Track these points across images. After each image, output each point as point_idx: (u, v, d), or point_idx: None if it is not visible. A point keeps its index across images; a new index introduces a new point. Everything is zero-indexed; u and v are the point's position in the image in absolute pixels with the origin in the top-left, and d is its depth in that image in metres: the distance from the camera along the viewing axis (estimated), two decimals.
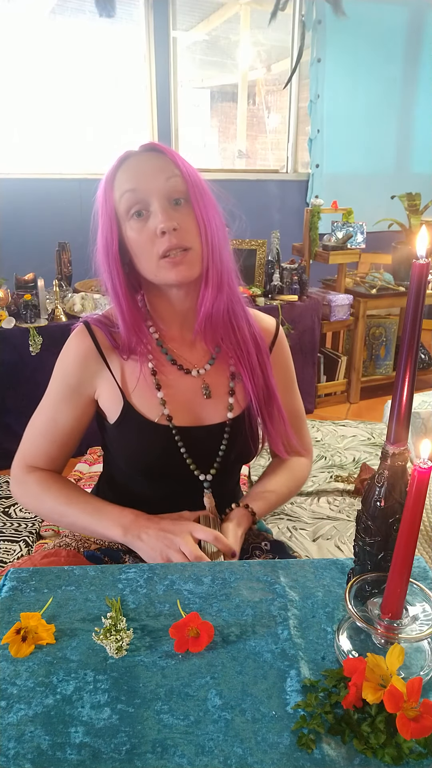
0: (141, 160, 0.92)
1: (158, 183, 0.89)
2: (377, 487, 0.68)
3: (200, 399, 1.00)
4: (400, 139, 4.32)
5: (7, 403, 2.48)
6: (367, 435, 2.85)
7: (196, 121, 4.38)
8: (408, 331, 0.62)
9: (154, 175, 0.90)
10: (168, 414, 0.97)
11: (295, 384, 1.14)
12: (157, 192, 0.89)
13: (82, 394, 0.99)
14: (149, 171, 0.90)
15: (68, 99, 3.59)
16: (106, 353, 0.98)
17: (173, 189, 0.90)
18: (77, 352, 0.98)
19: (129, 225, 0.92)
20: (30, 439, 1.03)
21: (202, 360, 1.02)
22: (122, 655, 0.67)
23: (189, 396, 1.00)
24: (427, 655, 0.67)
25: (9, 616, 0.73)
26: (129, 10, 3.57)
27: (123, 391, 0.98)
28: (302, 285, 3.09)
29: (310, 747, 0.57)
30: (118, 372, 0.98)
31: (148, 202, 0.90)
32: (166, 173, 0.90)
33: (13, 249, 3.29)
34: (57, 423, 1.00)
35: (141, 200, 0.90)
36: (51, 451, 1.02)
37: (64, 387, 0.99)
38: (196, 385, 1.00)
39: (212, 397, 1.01)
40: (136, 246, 0.92)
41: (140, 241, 0.91)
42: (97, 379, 0.99)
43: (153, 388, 0.98)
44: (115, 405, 0.98)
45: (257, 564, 0.84)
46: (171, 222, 0.88)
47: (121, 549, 1.04)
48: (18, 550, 1.92)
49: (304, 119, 4.19)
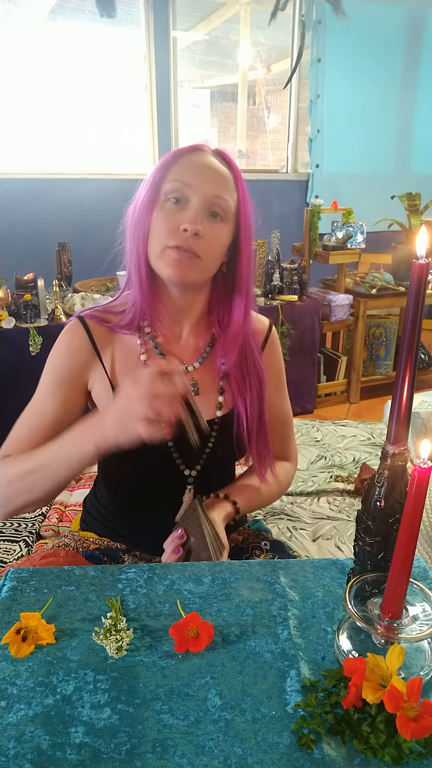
0: (208, 161, 0.93)
1: (209, 192, 0.91)
2: (377, 487, 0.68)
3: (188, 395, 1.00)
4: (400, 139, 4.32)
5: (7, 403, 2.48)
6: (367, 435, 2.85)
7: (196, 121, 4.38)
8: (408, 331, 0.62)
9: (211, 183, 0.91)
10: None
11: (284, 386, 1.13)
12: (203, 197, 0.90)
13: (71, 385, 0.98)
14: (209, 176, 0.91)
15: (68, 99, 3.59)
16: (100, 346, 0.98)
17: (219, 206, 0.92)
18: (69, 344, 0.98)
19: (162, 205, 0.92)
20: (14, 432, 0.99)
21: (191, 356, 1.02)
22: (122, 655, 0.67)
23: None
24: (427, 655, 0.67)
25: (9, 616, 0.73)
26: (129, 11, 3.57)
27: (113, 384, 0.98)
28: (302, 285, 3.09)
29: (310, 747, 0.57)
30: (110, 365, 0.98)
31: (190, 198, 0.91)
32: (222, 190, 0.92)
33: (13, 249, 3.29)
34: (43, 414, 0.98)
35: (186, 193, 0.91)
36: (34, 441, 0.97)
37: (53, 378, 0.98)
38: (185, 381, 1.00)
39: (200, 394, 1.00)
40: (156, 225, 0.92)
41: (162, 223, 0.91)
42: (89, 371, 0.98)
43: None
44: (107, 397, 0.98)
45: (257, 564, 0.84)
46: (197, 225, 0.89)
47: (121, 549, 1.04)
48: (18, 550, 1.92)
49: (304, 119, 4.19)
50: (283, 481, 1.12)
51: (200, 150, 0.94)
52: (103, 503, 1.08)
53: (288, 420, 1.15)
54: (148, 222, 0.92)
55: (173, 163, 0.92)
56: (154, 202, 0.92)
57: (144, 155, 3.81)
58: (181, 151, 0.93)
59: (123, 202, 1.01)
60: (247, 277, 0.98)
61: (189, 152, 0.93)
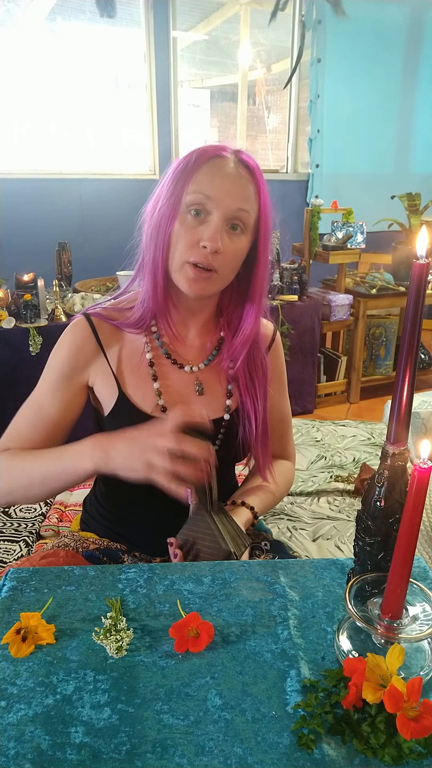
0: (230, 172, 0.90)
1: (230, 205, 0.89)
2: (377, 487, 0.68)
3: (193, 395, 1.01)
4: (400, 139, 4.32)
5: (7, 403, 2.48)
6: (367, 435, 2.85)
7: (196, 121, 4.38)
8: (408, 331, 0.62)
9: (232, 197, 0.89)
10: (162, 405, 0.97)
11: (286, 387, 1.14)
12: (224, 211, 0.89)
13: (74, 382, 0.98)
14: (231, 190, 0.89)
15: (68, 99, 3.59)
16: (105, 343, 0.98)
17: (240, 218, 0.90)
18: (73, 341, 0.98)
19: (183, 216, 0.90)
20: (13, 427, 0.99)
21: (196, 357, 1.03)
22: (122, 655, 0.67)
23: (182, 390, 1.00)
24: (427, 655, 0.67)
25: (9, 616, 0.73)
26: (129, 11, 3.57)
27: (119, 380, 0.98)
28: (302, 285, 3.09)
29: (310, 747, 0.57)
30: (115, 361, 0.98)
31: (211, 211, 0.89)
32: (244, 203, 0.90)
33: (13, 249, 3.29)
34: (44, 409, 0.98)
35: (207, 207, 0.89)
36: (34, 437, 0.97)
37: (56, 374, 0.98)
38: (189, 381, 1.01)
39: (204, 394, 1.01)
40: (176, 237, 0.91)
41: (182, 236, 0.90)
42: (92, 368, 0.98)
43: (149, 379, 0.98)
44: (110, 395, 0.98)
45: (257, 564, 0.84)
46: (217, 243, 0.88)
47: (120, 549, 1.04)
48: (18, 550, 1.92)
49: (304, 119, 4.19)
50: (288, 479, 1.15)
51: (222, 156, 0.90)
52: (103, 503, 1.08)
53: (289, 420, 1.16)
54: (169, 231, 0.91)
55: (195, 170, 0.89)
56: (176, 212, 0.90)
57: (144, 155, 3.81)
58: (203, 157, 0.90)
59: (123, 202, 1.01)
60: (262, 286, 0.98)
61: (211, 158, 0.90)
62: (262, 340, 1.05)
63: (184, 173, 0.90)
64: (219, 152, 0.90)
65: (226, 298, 1.03)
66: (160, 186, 0.93)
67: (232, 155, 0.91)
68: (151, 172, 3.81)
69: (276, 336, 1.11)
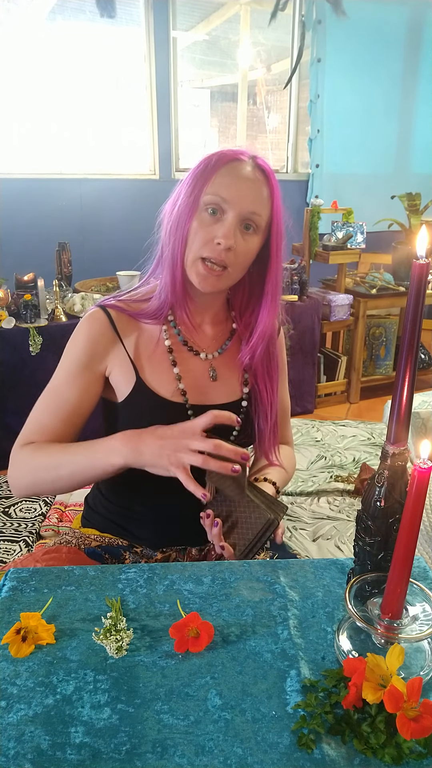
0: (247, 176, 0.95)
1: (245, 208, 0.94)
2: (377, 487, 0.68)
3: (207, 380, 1.04)
4: (400, 139, 4.32)
5: (7, 403, 2.48)
6: (367, 435, 2.85)
7: (196, 121, 4.37)
8: (408, 331, 0.62)
9: (247, 200, 0.94)
10: (183, 389, 1.01)
11: (286, 377, 1.19)
12: (239, 211, 0.93)
13: (93, 371, 1.00)
14: (246, 193, 0.94)
15: (68, 99, 3.59)
16: (122, 331, 1.01)
17: (252, 220, 0.95)
18: (90, 330, 1.00)
19: (200, 214, 0.95)
20: (34, 418, 1.01)
21: (210, 345, 1.07)
22: (122, 655, 0.67)
23: (198, 375, 1.04)
24: (427, 655, 0.67)
25: (9, 616, 0.73)
26: (129, 11, 3.57)
27: (136, 367, 1.00)
28: (302, 285, 3.09)
29: (310, 747, 0.57)
30: (132, 349, 1.01)
31: (226, 211, 0.94)
32: (257, 207, 0.95)
33: (13, 249, 3.29)
34: (64, 399, 1.00)
35: (223, 207, 0.94)
36: (56, 427, 1.00)
37: (75, 364, 1.00)
38: (204, 367, 1.05)
39: (218, 380, 1.05)
40: (192, 233, 0.95)
41: (197, 233, 0.95)
42: (110, 357, 1.01)
43: (169, 364, 1.02)
44: (126, 382, 1.00)
45: (257, 564, 0.84)
46: (230, 241, 0.93)
47: (122, 546, 1.04)
48: (18, 550, 1.92)
49: (304, 119, 4.19)
50: (293, 463, 1.21)
51: (240, 161, 0.96)
52: (107, 495, 1.09)
53: (287, 408, 1.22)
54: (187, 228, 0.95)
55: (213, 172, 0.94)
56: (194, 210, 0.95)
57: (144, 155, 3.81)
58: (222, 160, 0.95)
59: (123, 202, 1.03)
60: (275, 285, 1.02)
61: (230, 161, 0.95)
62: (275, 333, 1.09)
63: (203, 174, 0.95)
64: (237, 156, 0.96)
65: (239, 296, 1.07)
66: (180, 186, 0.98)
67: (250, 159, 0.97)
68: (151, 172, 3.81)
69: (280, 329, 1.14)
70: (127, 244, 3.45)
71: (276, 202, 0.98)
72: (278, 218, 0.99)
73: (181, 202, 0.96)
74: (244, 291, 1.07)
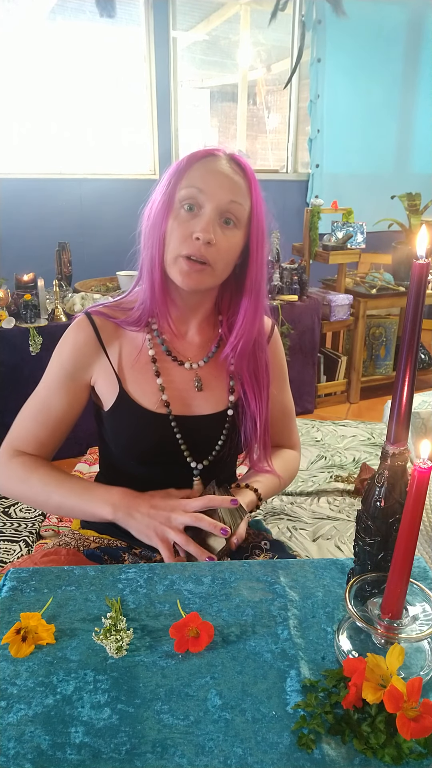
0: (222, 168, 0.92)
1: (223, 198, 0.91)
2: (377, 487, 0.68)
3: (192, 391, 1.02)
4: (400, 139, 4.32)
5: (7, 403, 2.48)
6: (367, 435, 2.85)
7: (196, 121, 4.37)
8: (408, 331, 0.62)
9: (224, 189, 0.91)
10: (166, 400, 0.99)
11: (287, 380, 1.16)
12: (217, 203, 0.91)
13: (77, 381, 1.01)
14: (223, 183, 0.91)
15: (68, 99, 3.59)
16: (106, 341, 1.00)
17: (232, 212, 0.92)
18: (75, 340, 1.00)
19: (177, 212, 0.93)
20: (20, 424, 1.03)
21: (196, 354, 1.04)
22: (122, 655, 0.67)
23: (182, 386, 1.02)
24: (427, 655, 0.67)
25: (9, 616, 0.73)
26: (129, 10, 3.57)
27: (120, 378, 1.00)
28: (302, 285, 3.09)
29: (310, 747, 0.57)
30: (116, 360, 1.00)
31: (203, 205, 0.91)
32: (236, 196, 0.92)
33: (13, 249, 3.29)
34: (50, 408, 1.01)
35: (199, 200, 0.91)
36: (41, 435, 1.02)
37: (60, 373, 1.00)
38: (189, 377, 1.03)
39: (203, 390, 1.03)
40: (170, 232, 0.93)
41: (175, 230, 0.92)
42: (94, 367, 1.01)
43: (152, 375, 1.00)
44: (110, 392, 1.00)
45: (257, 564, 0.84)
46: (209, 234, 0.90)
47: (121, 547, 1.04)
48: (18, 550, 1.93)
49: (304, 119, 4.19)
50: (294, 467, 1.17)
51: (214, 155, 0.93)
52: None
53: (291, 412, 1.19)
54: (164, 228, 0.93)
55: (187, 168, 0.92)
56: (169, 208, 0.92)
57: (144, 155, 3.81)
58: (195, 156, 0.93)
59: (123, 202, 1.03)
60: (257, 281, 0.99)
61: (203, 157, 0.93)
62: (264, 338, 1.06)
63: (177, 172, 0.93)
64: (212, 152, 0.94)
65: (226, 297, 1.04)
66: (155, 190, 0.96)
67: (224, 155, 0.94)
68: (151, 172, 3.81)
69: (274, 330, 1.12)
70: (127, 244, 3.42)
71: (255, 194, 0.95)
72: (259, 211, 0.95)
73: (156, 203, 0.94)
74: (230, 292, 1.03)
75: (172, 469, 1.03)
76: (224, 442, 1.03)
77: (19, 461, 1.01)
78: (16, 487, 1.01)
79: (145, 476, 1.03)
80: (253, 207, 0.95)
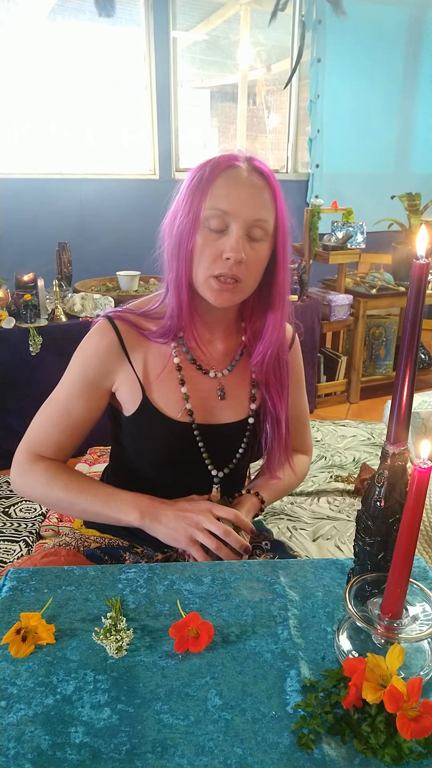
0: (245, 183, 0.90)
1: (249, 216, 0.89)
2: (377, 487, 0.68)
3: (215, 399, 1.02)
4: (400, 139, 4.32)
5: (7, 403, 2.48)
6: (367, 435, 2.85)
7: (196, 121, 4.37)
8: (408, 331, 0.62)
9: (249, 209, 0.90)
10: (189, 409, 0.99)
11: (304, 386, 1.19)
12: (243, 221, 0.89)
13: (99, 388, 1.00)
14: (247, 202, 0.90)
15: (68, 99, 3.59)
16: (130, 348, 0.99)
17: (259, 227, 0.91)
18: (99, 346, 0.99)
19: (203, 230, 0.91)
20: (40, 428, 1.02)
21: (219, 362, 1.04)
22: (122, 655, 0.67)
23: (205, 395, 1.02)
24: (427, 655, 0.67)
25: (9, 616, 0.73)
26: (129, 10, 3.57)
27: (143, 385, 0.99)
28: (302, 285, 3.09)
29: (310, 747, 0.57)
30: (140, 368, 1.00)
31: (230, 224, 0.90)
32: (261, 213, 0.90)
33: (13, 249, 3.29)
34: (70, 414, 1.00)
35: (226, 221, 0.90)
36: (61, 441, 1.02)
37: (82, 380, 1.00)
38: (213, 386, 1.03)
39: (226, 398, 1.03)
40: (198, 251, 0.92)
41: (204, 250, 0.91)
42: (117, 374, 1.00)
43: (177, 383, 1.00)
44: (133, 399, 1.00)
45: (257, 564, 0.84)
46: (240, 254, 0.89)
47: (121, 547, 1.04)
48: (18, 550, 1.93)
49: (304, 119, 4.19)
50: (300, 472, 1.18)
51: (235, 167, 0.91)
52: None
53: (306, 416, 1.21)
54: (190, 247, 0.91)
55: (209, 184, 0.90)
56: (195, 228, 0.91)
57: (144, 155, 3.81)
58: (217, 170, 0.90)
59: (123, 202, 1.01)
60: (283, 291, 0.98)
61: (225, 169, 0.90)
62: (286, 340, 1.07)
63: (199, 188, 0.90)
64: (232, 162, 0.91)
65: (248, 305, 1.03)
66: (176, 201, 0.94)
67: (245, 163, 0.92)
68: (151, 172, 3.81)
69: (295, 338, 1.13)
70: (127, 244, 3.45)
71: (279, 204, 0.94)
72: (283, 221, 0.95)
73: (180, 220, 0.92)
74: (253, 300, 1.02)
75: (190, 476, 1.03)
76: (245, 450, 1.04)
77: (42, 466, 1.00)
78: (40, 492, 1.01)
79: (162, 481, 1.03)
80: (278, 217, 0.94)
